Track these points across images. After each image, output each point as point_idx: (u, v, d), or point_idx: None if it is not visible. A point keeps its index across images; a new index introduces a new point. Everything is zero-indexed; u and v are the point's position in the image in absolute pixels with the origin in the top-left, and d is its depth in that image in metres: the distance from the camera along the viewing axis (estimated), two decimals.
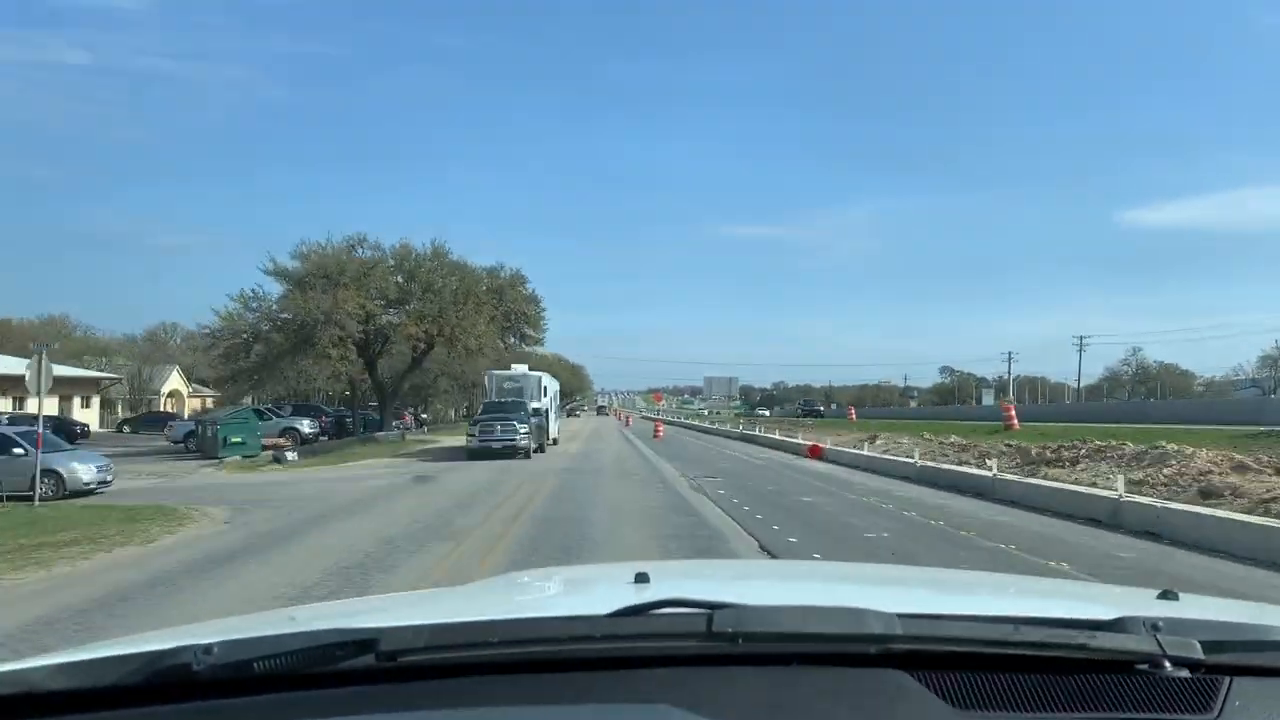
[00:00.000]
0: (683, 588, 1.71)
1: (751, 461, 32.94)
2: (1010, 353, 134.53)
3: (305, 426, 40.97)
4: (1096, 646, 1.35)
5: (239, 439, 33.33)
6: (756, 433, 50.80)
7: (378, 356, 44.86)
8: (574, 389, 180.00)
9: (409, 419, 62.85)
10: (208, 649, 1.33)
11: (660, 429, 54.28)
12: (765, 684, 1.31)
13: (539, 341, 50.15)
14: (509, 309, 46.69)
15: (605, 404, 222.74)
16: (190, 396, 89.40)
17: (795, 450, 37.34)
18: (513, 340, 49.29)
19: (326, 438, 42.11)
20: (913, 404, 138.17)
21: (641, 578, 2.03)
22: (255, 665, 1.33)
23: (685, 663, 1.36)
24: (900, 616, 1.37)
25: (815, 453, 35.09)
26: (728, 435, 57.42)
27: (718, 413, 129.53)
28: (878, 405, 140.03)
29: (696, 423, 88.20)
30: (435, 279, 43.47)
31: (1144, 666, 1.36)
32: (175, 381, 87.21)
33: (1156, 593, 1.93)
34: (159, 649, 1.38)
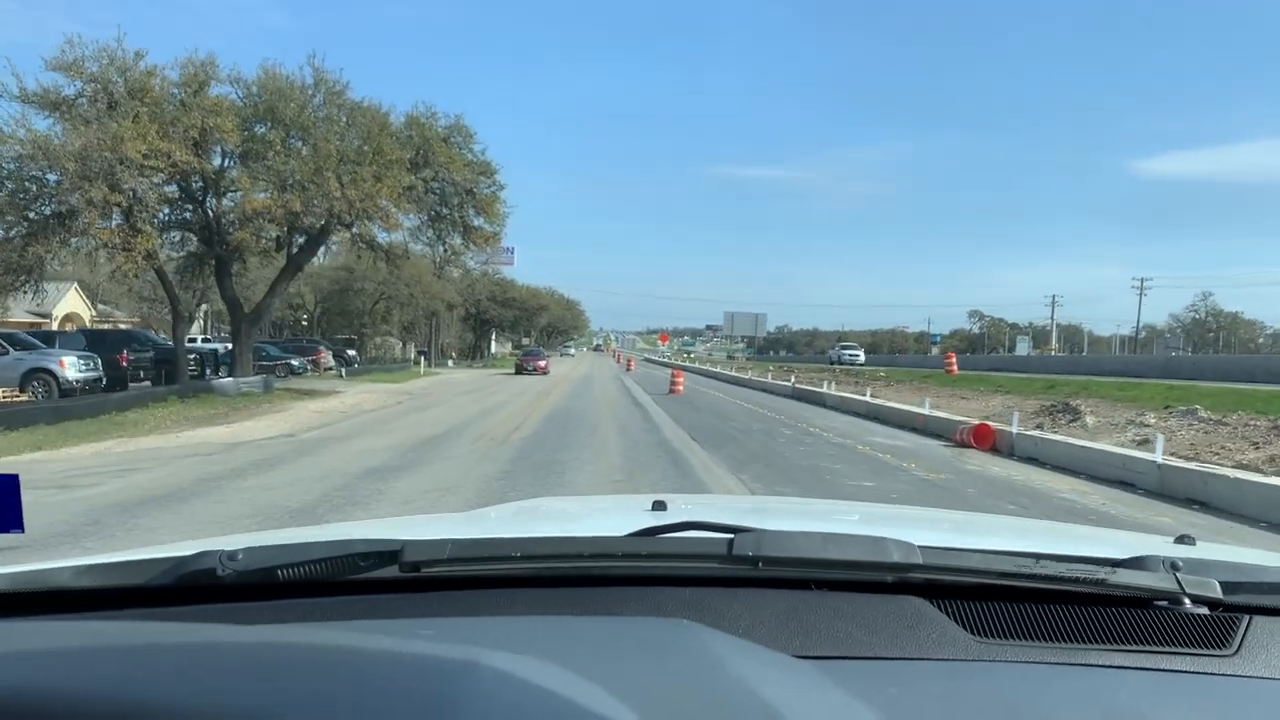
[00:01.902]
0: (702, 514, 1.62)
1: (909, 469, 15.76)
2: (1054, 296, 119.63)
3: (70, 368, 23.28)
4: (1116, 582, 1.36)
5: None
6: (823, 389, 33.35)
7: (230, 251, 27.08)
8: (569, 326, 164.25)
9: (323, 355, 45.28)
10: (233, 555, 1.35)
11: (680, 381, 36.59)
12: (784, 605, 1.33)
13: (494, 240, 31.93)
14: (442, 177, 28.83)
15: (601, 343, 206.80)
16: (96, 322, 71.50)
17: (915, 424, 22.26)
18: (451, 236, 31.09)
19: (102, 385, 24.51)
20: (934, 351, 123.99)
21: (659, 505, 2.07)
22: (279, 572, 1.35)
23: (704, 584, 1.37)
24: (921, 548, 1.37)
25: (983, 440, 18.48)
26: (764, 388, 40.01)
27: (732, 357, 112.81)
28: (892, 352, 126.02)
29: (708, 367, 70.43)
30: (313, 122, 25.65)
31: (1163, 603, 1.36)
32: (73, 302, 69.64)
33: (1174, 537, 1.94)
34: (186, 554, 1.39)
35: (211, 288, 32.41)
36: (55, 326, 61.64)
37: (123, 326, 52.57)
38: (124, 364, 26.66)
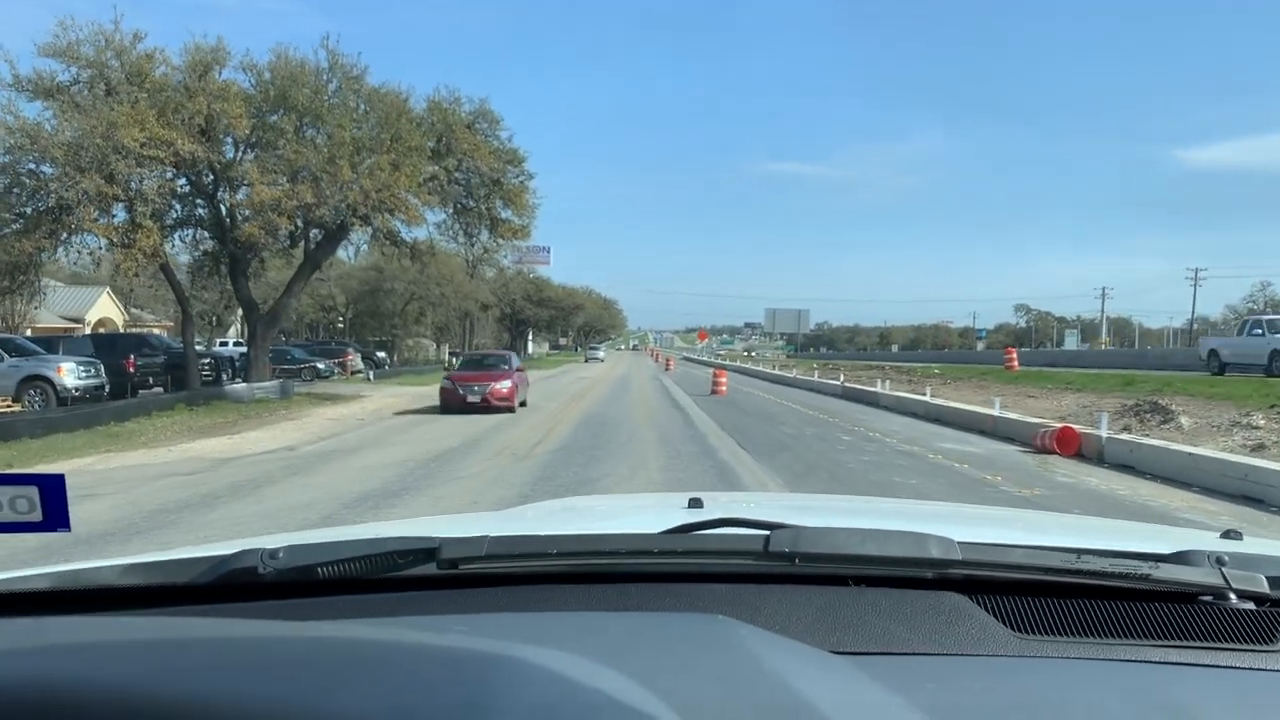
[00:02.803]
0: (738, 511, 1.68)
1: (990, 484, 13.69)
2: (1105, 288, 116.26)
3: (69, 375, 21.69)
4: (1160, 577, 1.34)
5: None
6: (876, 388, 31.11)
7: (242, 247, 25.38)
8: (606, 325, 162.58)
9: (351, 358, 43.72)
10: (273, 553, 1.36)
11: (722, 381, 34.40)
12: (821, 601, 1.32)
13: (523, 233, 29.90)
14: (467, 166, 26.88)
15: (638, 343, 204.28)
16: (129, 326, 70.62)
17: (984, 427, 20.12)
18: (478, 230, 29.07)
19: (106, 393, 22.88)
20: (980, 346, 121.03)
21: (695, 502, 2.09)
22: (319, 570, 1.37)
23: (740, 580, 1.37)
24: (960, 544, 1.35)
25: (1068, 445, 16.47)
26: (811, 387, 37.78)
27: (781, 353, 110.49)
28: (936, 348, 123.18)
29: (749, 365, 68.10)
30: (327, 108, 23.88)
31: (1208, 599, 1.34)
32: (106, 307, 68.82)
33: (1219, 532, 1.89)
34: (227, 553, 1.41)
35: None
36: (88, 331, 60.99)
37: (152, 330, 51.40)
38: (130, 370, 25.09)
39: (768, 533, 1.36)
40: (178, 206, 25.58)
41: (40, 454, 14.96)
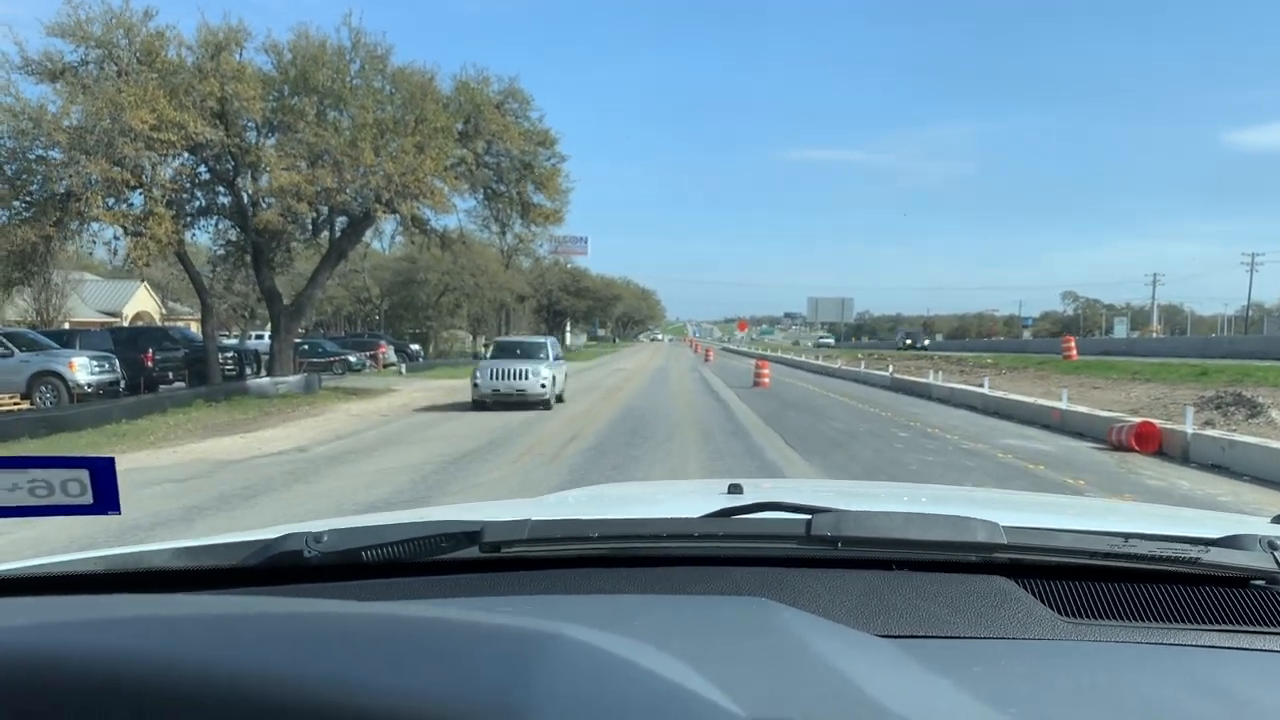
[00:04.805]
0: (778, 495, 1.63)
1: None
2: (1155, 275, 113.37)
3: (81, 370, 20.71)
4: (1210, 561, 1.33)
5: None
6: (928, 379, 29.51)
7: (264, 236, 24.31)
8: (645, 316, 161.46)
9: (384, 350, 42.76)
10: (318, 537, 1.38)
11: (765, 372, 32.84)
12: (864, 585, 1.31)
13: (555, 217, 28.51)
14: (496, 149, 25.57)
15: (659, 334, 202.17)
16: (166, 319, 70.32)
17: (1049, 421, 18.78)
18: (507, 212, 27.71)
19: (121, 389, 21.89)
20: (1026, 334, 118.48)
21: (734, 488, 2.09)
22: (363, 554, 1.38)
23: (782, 564, 1.37)
24: (1005, 528, 1.35)
25: (1147, 442, 14.97)
26: (857, 378, 36.19)
27: (821, 345, 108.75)
28: (980, 337, 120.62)
29: (791, 356, 66.27)
30: (349, 90, 22.69)
31: (1260, 583, 1.34)
32: (143, 300, 68.62)
33: (1270, 517, 1.89)
34: (273, 537, 1.44)
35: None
36: (125, 325, 60.66)
37: (188, 324, 50.83)
38: (149, 364, 24.12)
39: (809, 517, 1.36)
40: (199, 194, 24.60)
41: None
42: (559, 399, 22.53)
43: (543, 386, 20.94)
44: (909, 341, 78.41)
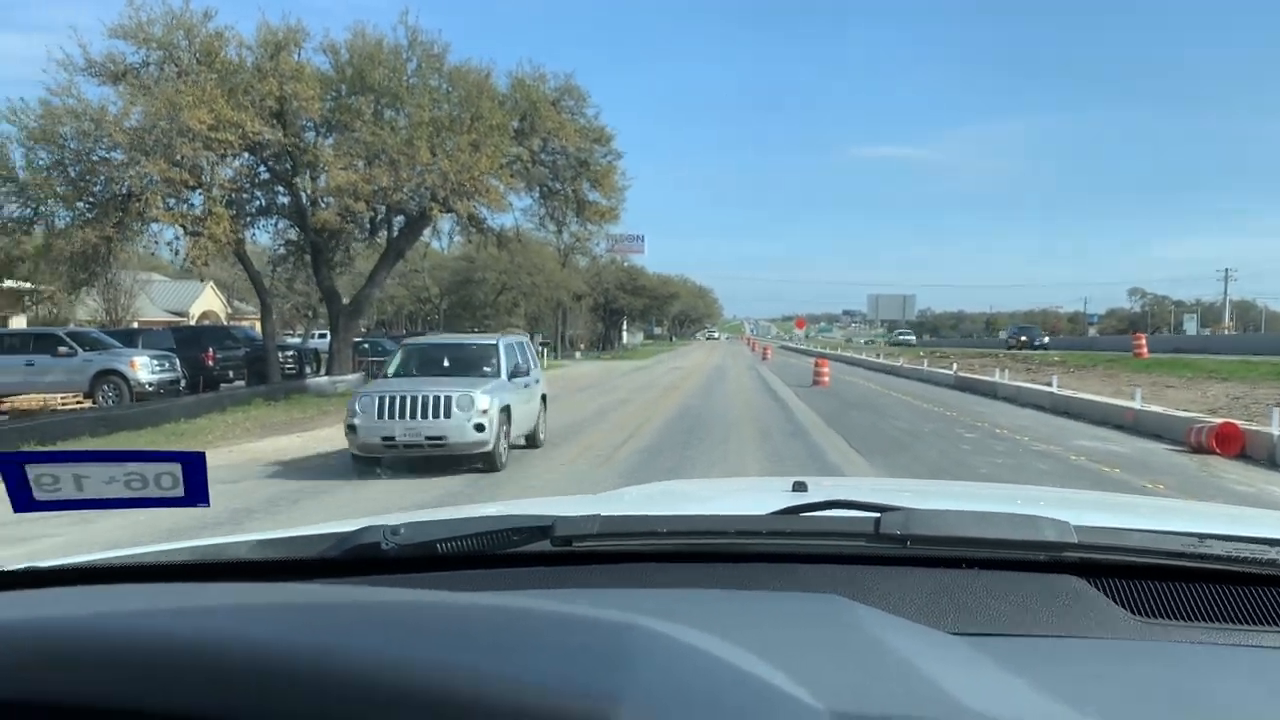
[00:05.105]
0: (845, 493, 1.66)
1: None
2: (1227, 270, 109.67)
3: (142, 369, 20.93)
4: None
5: None
6: (994, 378, 28.70)
7: (325, 238, 24.43)
8: (701, 314, 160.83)
9: None
10: (395, 529, 1.41)
11: (825, 371, 32.18)
12: (934, 583, 1.31)
13: (611, 215, 28.27)
14: (552, 146, 25.38)
15: (727, 334, 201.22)
16: (232, 319, 71.57)
17: (1122, 421, 17.42)
18: (562, 210, 27.52)
19: (182, 386, 22.10)
20: (1092, 332, 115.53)
21: (799, 486, 2.07)
22: (439, 546, 1.41)
23: (849, 562, 1.37)
24: (1076, 527, 1.33)
25: (1229, 444, 14.30)
26: (920, 377, 35.35)
27: (870, 342, 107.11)
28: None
29: (850, 354, 65.05)
30: (405, 89, 22.66)
31: None
32: (210, 300, 69.87)
33: None
34: (351, 529, 1.46)
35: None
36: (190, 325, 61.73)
37: (252, 324, 51.63)
38: (210, 363, 24.36)
39: (878, 515, 1.35)
40: (259, 194, 24.80)
41: None
42: (531, 442, 14.10)
43: (479, 429, 11.50)
44: (1022, 339, 62.87)
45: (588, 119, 26.21)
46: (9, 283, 20.76)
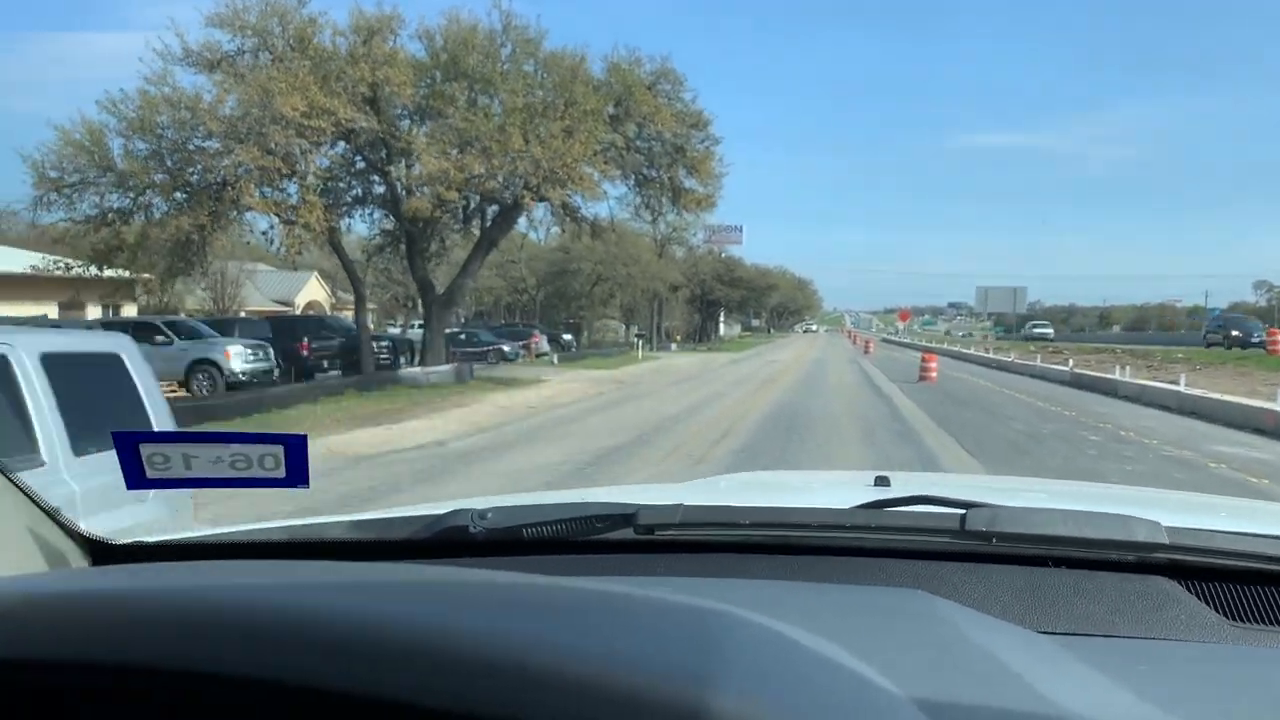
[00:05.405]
0: (930, 489, 1.63)
1: None
2: None
3: (236, 359, 20.90)
4: None
5: None
6: (1115, 375, 26.96)
7: (420, 227, 24.18)
8: (801, 306, 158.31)
9: (537, 340, 42.67)
10: (483, 514, 1.44)
11: (932, 366, 30.69)
12: (1020, 581, 1.29)
13: (707, 203, 27.37)
14: (647, 132, 24.62)
15: (827, 326, 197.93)
16: (335, 309, 72.86)
17: (1261, 424, 15.77)
18: (658, 198, 26.75)
19: (276, 375, 22.05)
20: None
21: (882, 480, 2.03)
22: (524, 531, 1.44)
23: (933, 558, 1.35)
24: (1167, 528, 1.30)
25: None
26: (1032, 373, 33.50)
27: (970, 335, 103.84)
28: (1162, 329, 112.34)
29: (957, 348, 62.73)
30: (499, 75, 22.17)
31: None
32: (314, 290, 71.31)
33: None
34: (441, 513, 1.51)
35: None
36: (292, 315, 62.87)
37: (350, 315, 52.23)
38: (304, 353, 24.33)
39: (964, 511, 1.33)
40: (355, 183, 24.67)
41: None
42: None
43: None
44: (1234, 333, 42.87)
45: (684, 103, 25.35)
46: (109, 272, 20.82)
